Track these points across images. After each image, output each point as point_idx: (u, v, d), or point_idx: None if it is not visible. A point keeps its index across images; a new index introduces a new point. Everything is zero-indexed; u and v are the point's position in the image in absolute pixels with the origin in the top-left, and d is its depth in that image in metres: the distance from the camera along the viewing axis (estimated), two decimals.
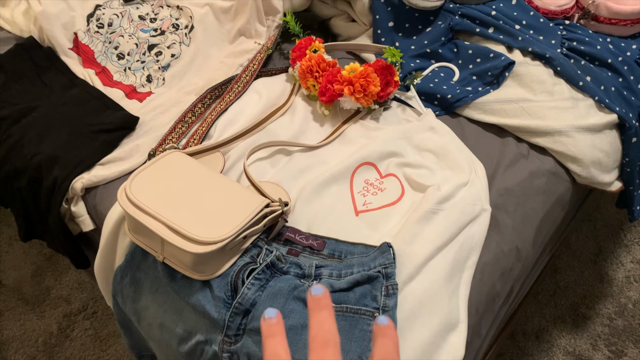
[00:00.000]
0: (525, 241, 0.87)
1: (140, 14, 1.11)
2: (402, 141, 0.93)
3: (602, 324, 1.44)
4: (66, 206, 0.92)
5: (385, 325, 0.35)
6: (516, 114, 0.97)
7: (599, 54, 1.02)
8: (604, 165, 0.97)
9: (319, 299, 0.35)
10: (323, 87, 0.95)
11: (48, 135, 0.95)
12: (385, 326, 0.35)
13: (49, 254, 1.60)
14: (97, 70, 1.07)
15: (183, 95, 1.03)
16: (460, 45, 1.06)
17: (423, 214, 0.80)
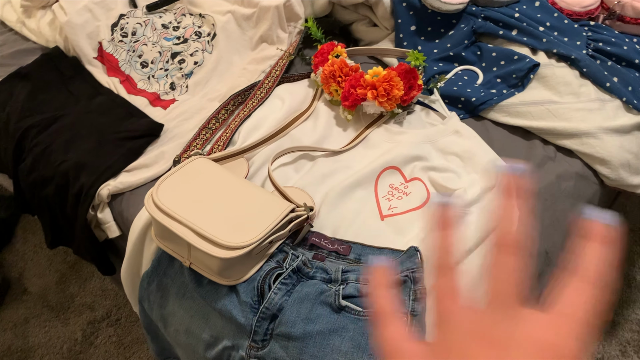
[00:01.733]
0: (554, 244, 0.86)
1: (163, 22, 1.13)
2: (427, 145, 0.92)
3: (631, 330, 1.41)
4: (92, 213, 0.93)
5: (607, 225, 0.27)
6: (542, 116, 0.95)
7: (625, 54, 1.01)
8: (633, 167, 0.95)
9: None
10: (346, 92, 0.94)
11: (74, 143, 0.96)
12: (605, 226, 0.27)
13: (73, 262, 1.62)
14: (121, 79, 1.08)
15: (206, 102, 1.04)
16: (484, 47, 1.05)
17: None
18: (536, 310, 0.28)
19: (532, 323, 0.27)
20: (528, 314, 0.28)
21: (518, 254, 0.29)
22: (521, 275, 0.28)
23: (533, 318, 0.27)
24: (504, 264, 0.29)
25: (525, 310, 0.28)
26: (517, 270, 0.29)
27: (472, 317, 0.29)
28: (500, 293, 0.28)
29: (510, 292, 0.28)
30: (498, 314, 0.28)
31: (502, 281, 0.29)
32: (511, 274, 0.28)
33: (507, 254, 0.29)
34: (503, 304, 0.28)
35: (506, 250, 0.29)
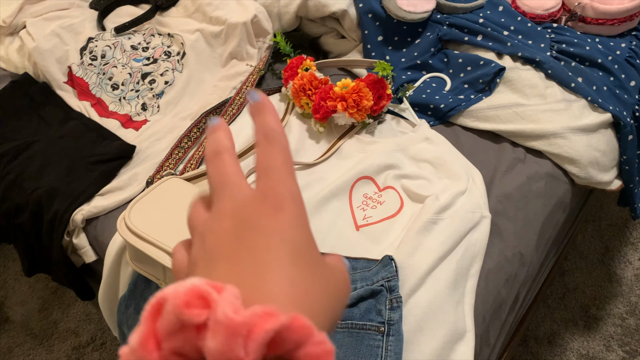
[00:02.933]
0: (528, 246, 0.87)
1: (133, 43, 1.13)
2: (398, 153, 0.93)
3: (614, 324, 1.43)
4: (68, 239, 0.92)
5: (259, 101, 0.32)
6: (510, 119, 0.97)
7: (588, 54, 1.03)
8: (602, 164, 0.96)
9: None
10: (316, 105, 0.95)
11: (47, 169, 0.96)
12: (259, 102, 0.32)
13: (54, 288, 1.60)
14: (92, 102, 1.08)
15: (178, 121, 1.04)
16: (450, 54, 1.07)
17: (423, 224, 0.80)
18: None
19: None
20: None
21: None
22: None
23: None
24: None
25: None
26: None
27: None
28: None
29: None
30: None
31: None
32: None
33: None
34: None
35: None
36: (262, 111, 0.32)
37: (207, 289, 0.23)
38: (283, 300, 0.25)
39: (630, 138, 1.00)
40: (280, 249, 0.27)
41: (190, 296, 0.22)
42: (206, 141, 0.34)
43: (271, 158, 0.30)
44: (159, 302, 0.23)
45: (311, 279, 0.27)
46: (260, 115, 0.32)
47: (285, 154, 0.31)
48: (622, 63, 1.04)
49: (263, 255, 0.27)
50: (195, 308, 0.22)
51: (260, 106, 0.32)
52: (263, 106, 0.32)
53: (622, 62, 1.04)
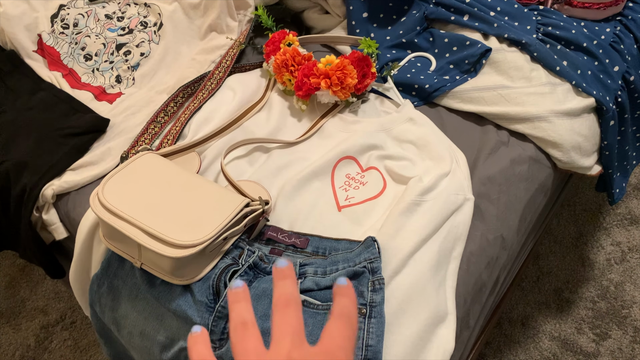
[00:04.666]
0: (509, 229, 0.87)
1: (107, 12, 1.08)
2: (382, 133, 0.92)
3: (586, 307, 1.45)
4: (37, 214, 0.89)
5: (344, 285, 0.39)
6: (495, 101, 0.96)
7: (574, 38, 1.02)
8: (584, 149, 0.96)
9: (282, 270, 0.39)
10: (299, 81, 0.92)
11: (15, 142, 0.91)
12: (345, 286, 0.39)
13: (22, 265, 1.55)
14: (64, 73, 1.03)
15: (154, 94, 1.00)
16: (436, 34, 1.05)
17: (406, 206, 0.79)
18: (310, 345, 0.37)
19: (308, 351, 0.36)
20: (306, 348, 0.37)
21: (296, 306, 0.38)
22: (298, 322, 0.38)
23: (308, 349, 0.36)
24: (284, 315, 0.37)
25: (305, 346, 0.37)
26: (294, 319, 0.37)
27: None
28: (282, 331, 0.37)
29: (292, 329, 0.37)
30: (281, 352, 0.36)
31: (283, 328, 0.37)
32: (289, 323, 0.37)
33: (288, 307, 0.38)
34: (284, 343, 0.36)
35: (287, 304, 0.38)
36: (346, 295, 0.39)
37: None
38: None
39: (611, 123, 1.00)
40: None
41: None
42: (276, 286, 0.39)
43: (339, 331, 0.37)
44: None
45: None
46: (344, 298, 0.39)
47: (353, 333, 0.38)
48: (606, 48, 1.03)
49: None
50: None
51: (344, 291, 0.39)
52: (348, 292, 0.39)
53: (606, 47, 1.03)
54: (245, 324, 0.37)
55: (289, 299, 0.38)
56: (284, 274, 0.39)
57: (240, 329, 0.37)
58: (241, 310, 0.38)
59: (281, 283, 0.39)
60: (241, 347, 0.36)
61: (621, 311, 1.44)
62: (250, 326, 0.37)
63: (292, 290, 0.38)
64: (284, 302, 0.37)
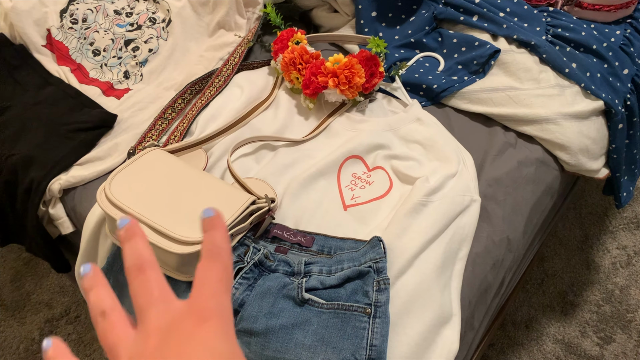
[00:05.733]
0: (515, 231, 0.86)
1: (116, 8, 1.08)
2: (389, 133, 0.91)
3: (590, 310, 1.45)
4: (44, 209, 0.89)
5: (212, 217, 0.35)
6: (503, 102, 0.95)
7: (583, 40, 1.01)
8: (592, 152, 0.96)
9: (129, 228, 0.35)
10: (307, 80, 0.92)
11: (23, 136, 0.91)
12: (213, 217, 0.35)
13: (28, 258, 1.56)
14: (72, 68, 1.03)
15: (162, 91, 1.00)
16: (445, 34, 1.04)
17: (412, 206, 0.78)
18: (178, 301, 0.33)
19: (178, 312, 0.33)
20: (172, 311, 0.33)
21: (152, 267, 0.34)
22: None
23: (175, 310, 0.33)
24: (142, 282, 0.33)
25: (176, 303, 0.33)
26: (153, 283, 0.33)
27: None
28: (144, 302, 0.33)
29: (153, 297, 0.33)
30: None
31: (143, 297, 0.33)
32: (148, 289, 0.33)
33: (143, 272, 0.34)
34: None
35: (141, 269, 0.34)
36: (213, 227, 0.34)
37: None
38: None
39: (620, 127, 0.99)
40: (201, 356, 0.30)
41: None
42: (124, 250, 0.35)
43: (208, 273, 0.33)
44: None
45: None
46: (210, 231, 0.34)
47: (224, 270, 0.33)
48: (616, 50, 1.03)
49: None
50: None
51: (212, 222, 0.34)
52: (215, 222, 0.34)
53: (616, 50, 1.03)
54: (104, 313, 0.33)
55: (142, 263, 0.33)
56: (131, 232, 0.35)
57: (101, 321, 0.33)
58: (97, 297, 0.34)
59: (129, 245, 0.34)
60: (107, 340, 0.32)
61: (626, 315, 1.43)
62: (110, 312, 0.33)
63: (142, 251, 0.34)
64: (137, 268, 0.33)
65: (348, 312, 0.67)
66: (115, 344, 0.32)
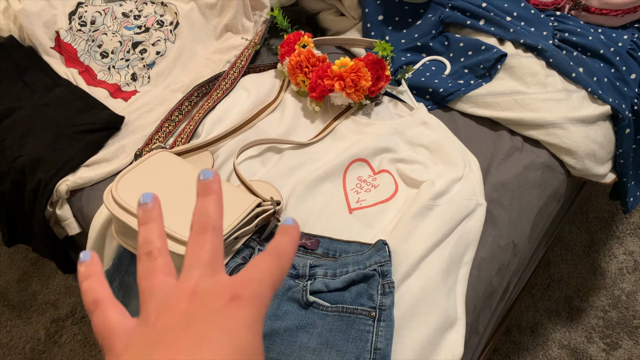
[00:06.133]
0: (521, 235, 0.86)
1: (124, 11, 1.09)
2: (395, 136, 0.91)
3: (597, 316, 1.44)
4: (51, 209, 0.90)
5: (290, 225, 0.33)
6: (509, 106, 0.95)
7: (590, 44, 1.01)
8: (598, 157, 0.96)
9: (208, 183, 0.33)
10: (313, 83, 0.93)
11: (31, 137, 0.92)
12: (290, 226, 0.33)
13: (34, 259, 1.57)
14: (80, 70, 1.04)
15: (169, 93, 1.01)
16: (451, 38, 1.04)
17: (418, 210, 0.79)
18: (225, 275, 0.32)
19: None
20: (217, 278, 0.31)
21: (214, 231, 0.32)
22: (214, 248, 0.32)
23: (218, 279, 0.31)
24: (198, 242, 0.32)
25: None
26: (209, 246, 0.32)
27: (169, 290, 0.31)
28: (193, 261, 0.31)
29: (203, 260, 0.31)
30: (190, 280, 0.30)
31: (195, 257, 0.31)
32: (203, 251, 0.31)
33: (204, 233, 0.32)
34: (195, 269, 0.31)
35: (204, 229, 0.32)
36: (286, 233, 0.32)
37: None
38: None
39: (627, 131, 0.99)
40: (222, 345, 0.27)
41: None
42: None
43: (264, 263, 0.31)
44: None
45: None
46: (283, 236, 0.32)
47: (281, 270, 0.31)
48: (623, 55, 1.02)
49: (203, 346, 0.27)
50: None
51: (288, 229, 0.33)
52: (290, 230, 0.33)
53: (623, 54, 1.02)
54: (97, 302, 0.31)
55: (206, 224, 0.32)
56: (209, 189, 0.33)
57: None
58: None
59: (202, 201, 0.33)
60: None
61: (632, 321, 1.42)
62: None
63: (213, 212, 0.32)
64: (201, 226, 0.32)
65: (352, 315, 0.67)
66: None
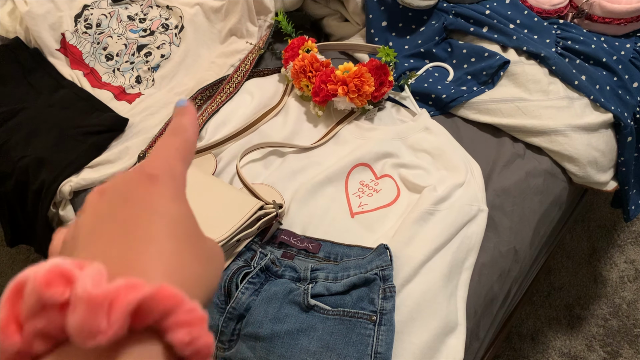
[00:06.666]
0: (522, 242, 0.86)
1: (129, 14, 1.09)
2: (397, 142, 0.92)
3: (597, 324, 1.44)
4: (54, 210, 0.90)
5: (184, 105, 0.33)
6: (512, 113, 0.96)
7: (593, 53, 1.02)
8: (600, 164, 0.96)
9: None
10: (317, 87, 0.93)
11: (35, 138, 0.93)
12: (185, 106, 0.33)
13: (36, 260, 1.56)
14: (85, 72, 1.05)
15: (173, 96, 1.01)
16: (455, 44, 1.05)
17: (420, 215, 0.79)
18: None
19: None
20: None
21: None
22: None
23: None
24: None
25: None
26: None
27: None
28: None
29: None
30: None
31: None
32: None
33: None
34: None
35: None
36: (183, 113, 0.33)
37: (70, 267, 0.23)
38: (154, 273, 0.25)
39: (629, 140, 0.99)
40: (154, 222, 0.27)
41: (52, 275, 0.22)
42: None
43: (165, 143, 0.31)
44: (19, 284, 0.23)
45: (186, 251, 0.27)
46: (179, 116, 0.33)
47: (184, 143, 0.31)
48: (626, 64, 1.03)
49: (135, 230, 0.26)
50: (57, 287, 0.22)
51: (183, 110, 0.33)
52: (185, 110, 0.33)
53: (626, 63, 1.03)
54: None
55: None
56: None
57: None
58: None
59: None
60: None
61: (633, 330, 1.42)
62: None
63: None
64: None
65: (353, 319, 0.68)
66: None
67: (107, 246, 0.26)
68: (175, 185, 0.29)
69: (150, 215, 0.27)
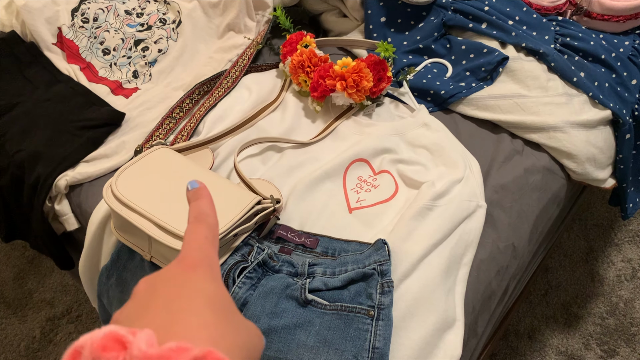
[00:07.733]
0: (521, 238, 0.86)
1: (127, 8, 1.09)
2: (396, 137, 0.91)
3: (594, 323, 1.44)
4: (49, 205, 0.89)
5: (197, 188, 0.39)
6: (510, 109, 0.95)
7: (592, 49, 1.01)
8: (599, 161, 0.96)
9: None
10: (315, 83, 0.93)
11: (31, 132, 0.92)
12: (198, 189, 0.38)
13: (31, 256, 1.56)
14: (81, 66, 1.04)
15: (170, 91, 1.00)
16: (453, 40, 1.04)
17: (418, 210, 0.78)
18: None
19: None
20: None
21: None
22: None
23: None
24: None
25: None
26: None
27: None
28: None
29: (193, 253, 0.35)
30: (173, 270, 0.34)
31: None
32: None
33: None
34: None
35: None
36: (199, 197, 0.38)
37: (123, 332, 0.25)
38: (199, 340, 0.27)
39: (627, 137, 0.99)
40: (193, 297, 0.30)
41: (107, 340, 0.24)
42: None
43: (195, 233, 0.35)
44: (76, 350, 0.25)
45: (226, 325, 0.30)
46: (196, 201, 0.37)
47: (210, 230, 0.36)
48: (624, 61, 1.03)
49: (176, 304, 0.29)
50: (113, 350, 0.24)
51: (197, 193, 0.38)
52: (200, 193, 0.38)
53: (625, 60, 1.03)
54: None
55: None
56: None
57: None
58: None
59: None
60: None
61: (630, 328, 1.42)
62: None
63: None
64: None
65: (351, 313, 0.67)
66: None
67: (153, 318, 0.29)
68: (212, 270, 0.33)
69: (191, 292, 0.30)
